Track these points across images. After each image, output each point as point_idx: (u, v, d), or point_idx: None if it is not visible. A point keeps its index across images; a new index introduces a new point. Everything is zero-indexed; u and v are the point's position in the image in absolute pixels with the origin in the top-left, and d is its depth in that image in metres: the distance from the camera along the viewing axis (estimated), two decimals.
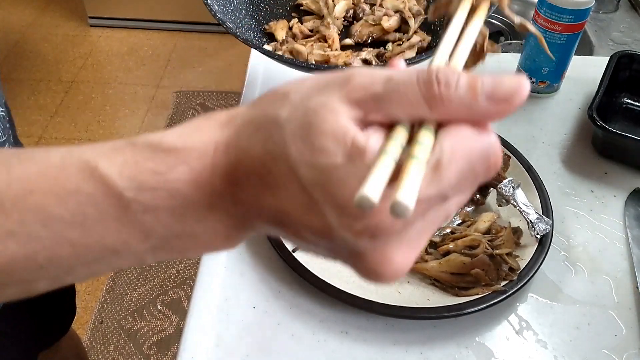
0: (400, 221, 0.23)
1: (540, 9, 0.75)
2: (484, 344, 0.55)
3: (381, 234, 0.23)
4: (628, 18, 1.04)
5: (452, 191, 0.23)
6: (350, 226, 0.23)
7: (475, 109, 0.23)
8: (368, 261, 0.24)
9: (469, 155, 0.23)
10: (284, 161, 0.24)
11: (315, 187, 0.23)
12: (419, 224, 0.24)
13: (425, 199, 0.23)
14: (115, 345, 1.45)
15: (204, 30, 2.48)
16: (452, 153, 0.23)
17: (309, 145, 0.23)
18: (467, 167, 0.23)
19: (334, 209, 0.23)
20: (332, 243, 0.25)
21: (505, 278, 0.56)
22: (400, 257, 0.24)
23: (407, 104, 0.23)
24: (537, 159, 0.72)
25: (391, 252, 0.24)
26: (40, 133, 2.03)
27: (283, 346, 0.54)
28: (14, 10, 2.60)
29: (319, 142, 0.23)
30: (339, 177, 0.23)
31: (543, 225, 0.59)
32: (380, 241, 0.23)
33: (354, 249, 0.24)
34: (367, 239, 0.23)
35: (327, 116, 0.23)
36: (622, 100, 0.80)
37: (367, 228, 0.23)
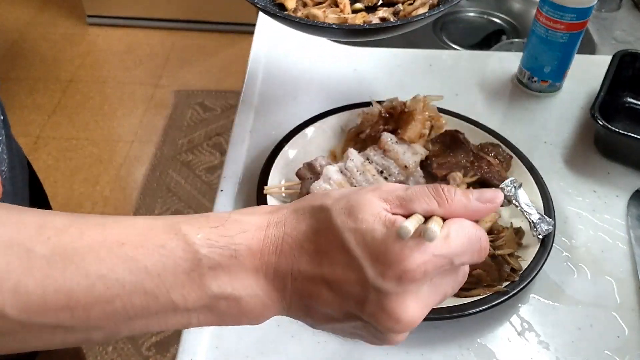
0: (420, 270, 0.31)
1: (543, 8, 0.75)
2: (485, 345, 0.54)
3: (405, 278, 0.31)
4: (631, 17, 1.03)
5: (456, 258, 0.32)
6: (383, 272, 0.31)
7: (469, 207, 0.34)
8: (391, 305, 0.31)
9: (469, 235, 0.33)
10: (330, 231, 0.32)
11: (357, 247, 0.32)
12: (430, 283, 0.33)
13: (438, 255, 0.31)
14: (114, 346, 1.44)
15: (203, 29, 2.48)
16: (457, 230, 0.33)
17: (353, 218, 0.32)
18: (467, 243, 0.33)
19: (371, 261, 0.31)
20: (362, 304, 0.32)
21: (507, 279, 0.55)
22: (415, 307, 0.32)
23: (422, 202, 0.33)
24: (539, 158, 0.71)
25: (409, 300, 0.32)
26: (38, 132, 2.03)
27: (283, 347, 0.54)
28: (12, 9, 2.59)
29: (361, 216, 0.32)
30: (375, 237, 0.31)
31: (545, 226, 0.58)
32: (403, 287, 0.31)
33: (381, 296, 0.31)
34: (394, 283, 0.31)
35: (365, 203, 0.33)
36: (625, 100, 0.80)
37: (396, 273, 0.31)
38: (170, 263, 0.32)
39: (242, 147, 0.73)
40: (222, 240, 0.33)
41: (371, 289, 0.31)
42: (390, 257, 0.31)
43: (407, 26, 0.60)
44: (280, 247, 0.33)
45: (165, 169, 1.92)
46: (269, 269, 0.33)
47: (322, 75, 0.84)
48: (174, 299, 0.32)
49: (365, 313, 0.32)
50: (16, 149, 0.58)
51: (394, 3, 0.72)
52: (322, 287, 0.33)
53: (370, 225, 0.32)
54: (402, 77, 0.84)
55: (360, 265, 0.31)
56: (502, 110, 0.80)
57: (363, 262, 0.31)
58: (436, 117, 0.69)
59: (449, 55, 0.90)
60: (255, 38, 0.90)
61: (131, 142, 2.01)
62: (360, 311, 0.32)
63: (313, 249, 0.33)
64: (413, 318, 0.32)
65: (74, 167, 1.92)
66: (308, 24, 0.60)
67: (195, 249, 0.32)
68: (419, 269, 0.31)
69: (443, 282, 0.34)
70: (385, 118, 0.68)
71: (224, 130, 2.06)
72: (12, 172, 0.54)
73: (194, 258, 0.32)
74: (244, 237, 0.33)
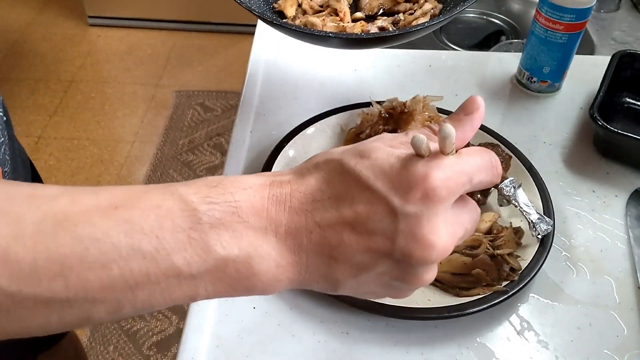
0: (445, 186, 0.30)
1: (542, 8, 0.75)
2: (485, 345, 0.55)
3: (432, 197, 0.30)
4: (629, 17, 1.03)
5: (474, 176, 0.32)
6: (408, 196, 0.30)
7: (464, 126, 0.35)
8: (424, 231, 0.30)
9: (480, 153, 0.33)
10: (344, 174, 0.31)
11: (376, 180, 0.31)
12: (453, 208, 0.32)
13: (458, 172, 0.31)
14: (115, 345, 1.44)
15: (204, 30, 2.48)
16: (467, 150, 0.33)
17: (367, 157, 0.32)
18: (480, 159, 0.33)
19: (394, 190, 0.30)
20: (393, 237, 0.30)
21: (506, 278, 0.56)
22: (446, 232, 0.31)
23: None
24: (539, 158, 0.71)
25: (440, 224, 0.30)
26: (40, 133, 2.03)
27: (283, 347, 0.54)
28: (13, 10, 2.59)
29: (374, 155, 0.32)
30: (393, 166, 0.31)
31: (544, 226, 0.59)
32: (432, 208, 0.30)
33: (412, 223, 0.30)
34: (422, 204, 0.30)
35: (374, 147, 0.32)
36: (624, 100, 0.80)
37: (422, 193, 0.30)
38: (168, 223, 0.30)
39: (242, 147, 0.73)
40: (222, 197, 0.31)
41: (400, 217, 0.30)
42: (413, 179, 0.30)
43: (405, 36, 0.59)
44: (289, 203, 0.31)
45: (166, 169, 1.92)
46: (279, 227, 0.31)
47: (322, 76, 0.84)
48: (176, 263, 0.30)
49: (397, 246, 0.30)
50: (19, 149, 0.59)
51: (394, 12, 0.72)
52: (344, 231, 0.31)
53: (386, 159, 0.31)
54: (402, 78, 0.85)
55: (383, 197, 0.30)
56: (501, 110, 0.80)
57: (386, 192, 0.30)
58: (436, 118, 0.69)
59: (448, 56, 0.90)
60: (255, 39, 0.90)
61: (132, 142, 2.01)
62: (391, 246, 0.30)
63: (327, 197, 0.31)
64: (446, 243, 0.31)
65: (75, 167, 1.92)
66: (305, 32, 0.59)
67: (194, 206, 0.30)
68: (443, 186, 0.30)
69: (462, 211, 0.33)
70: (385, 118, 0.69)
71: (224, 130, 2.06)
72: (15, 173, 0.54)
73: (193, 216, 0.30)
74: (245, 194, 0.31)
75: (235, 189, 0.31)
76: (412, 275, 0.32)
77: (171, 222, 0.30)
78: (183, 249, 0.29)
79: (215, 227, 0.30)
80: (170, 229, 0.30)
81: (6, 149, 0.52)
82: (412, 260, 0.30)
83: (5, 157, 0.51)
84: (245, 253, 0.30)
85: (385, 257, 0.31)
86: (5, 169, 0.51)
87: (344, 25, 0.67)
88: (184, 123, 2.09)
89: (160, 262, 0.29)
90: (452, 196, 0.31)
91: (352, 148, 0.33)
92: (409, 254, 0.30)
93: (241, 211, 0.31)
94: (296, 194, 0.32)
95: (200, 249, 0.30)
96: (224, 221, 0.30)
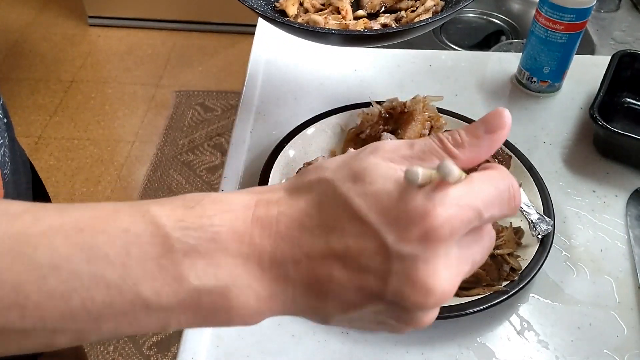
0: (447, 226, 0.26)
1: (542, 8, 0.75)
2: (485, 345, 0.55)
3: (432, 238, 0.26)
4: (630, 17, 1.03)
5: (486, 210, 0.27)
6: (405, 235, 0.26)
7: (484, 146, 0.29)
8: (420, 275, 0.26)
9: (495, 182, 0.28)
10: (335, 200, 0.27)
11: (370, 211, 0.27)
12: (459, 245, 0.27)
13: (464, 206, 0.26)
14: (115, 345, 1.44)
15: (204, 30, 2.48)
16: (481, 176, 0.28)
17: (361, 182, 0.27)
18: (494, 190, 0.28)
19: (389, 225, 0.26)
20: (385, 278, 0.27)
21: (506, 278, 0.56)
22: (447, 275, 0.27)
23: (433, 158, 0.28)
24: (539, 158, 0.71)
25: (440, 266, 0.26)
26: (40, 133, 2.03)
27: (283, 347, 0.54)
28: (13, 10, 2.59)
29: (370, 179, 0.27)
30: (391, 196, 0.27)
31: (544, 225, 0.59)
32: (431, 250, 0.26)
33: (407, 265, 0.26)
34: (420, 245, 0.26)
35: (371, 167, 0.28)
36: (624, 100, 0.80)
37: (420, 233, 0.26)
38: (136, 250, 0.27)
39: (242, 147, 0.73)
40: (198, 221, 0.28)
41: (394, 257, 0.26)
42: (411, 216, 0.26)
43: (408, 33, 0.59)
44: (275, 229, 0.28)
45: (166, 169, 1.92)
46: (262, 255, 0.28)
47: (322, 76, 0.84)
48: (144, 294, 0.27)
49: (389, 289, 0.27)
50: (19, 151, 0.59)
51: (396, 10, 0.72)
52: (333, 266, 0.27)
53: (382, 185, 0.27)
54: (402, 78, 0.85)
55: (377, 232, 0.26)
56: None
57: (380, 227, 0.26)
58: (436, 118, 0.69)
59: (448, 56, 0.90)
60: (255, 39, 0.90)
61: (132, 143, 2.01)
62: (383, 288, 0.27)
63: (317, 224, 0.28)
64: (446, 288, 0.27)
65: (76, 168, 1.92)
66: (307, 30, 0.59)
67: (166, 231, 0.27)
68: (446, 225, 0.26)
69: (470, 246, 0.29)
70: (385, 118, 0.69)
71: (224, 130, 2.06)
72: (15, 175, 0.54)
73: (165, 243, 0.27)
74: (226, 217, 0.28)
75: (215, 211, 0.28)
76: (408, 319, 0.28)
77: (139, 248, 0.27)
78: (152, 279, 0.27)
79: (189, 255, 0.27)
80: (138, 256, 0.27)
81: (6, 150, 0.51)
82: (407, 305, 0.27)
83: (5, 160, 0.51)
84: (223, 284, 0.27)
85: (377, 298, 0.27)
86: (5, 171, 0.50)
87: (346, 22, 0.67)
88: (184, 123, 2.09)
89: (126, 292, 0.27)
90: (456, 235, 0.27)
91: (347, 166, 0.29)
92: (402, 298, 0.27)
93: (220, 237, 0.27)
94: (283, 218, 0.28)
95: (171, 278, 0.27)
96: (200, 248, 0.27)
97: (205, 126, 2.08)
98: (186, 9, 2.42)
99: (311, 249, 0.27)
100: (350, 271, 0.27)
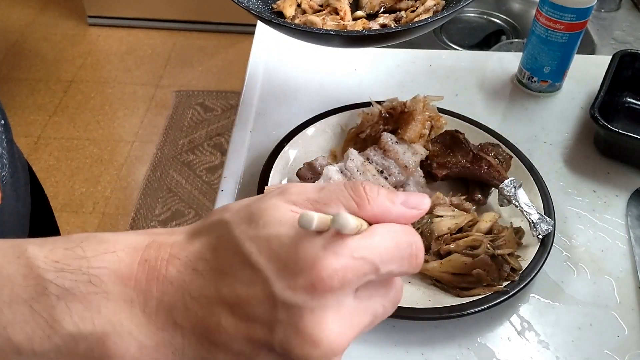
0: (337, 277, 0.25)
1: (542, 8, 0.75)
2: (485, 345, 0.54)
3: (320, 288, 0.25)
4: (630, 17, 1.03)
5: (383, 265, 0.26)
6: (292, 283, 0.25)
7: (393, 211, 0.28)
8: (306, 325, 0.25)
9: (397, 237, 0.27)
10: (229, 245, 0.26)
11: (259, 256, 0.25)
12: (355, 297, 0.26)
13: (359, 259, 0.25)
14: None
15: (204, 30, 2.48)
16: (382, 231, 0.27)
17: (254, 225, 0.26)
18: (394, 246, 0.27)
19: (277, 271, 0.25)
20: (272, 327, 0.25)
21: (506, 278, 0.55)
22: (336, 327, 0.25)
23: (338, 204, 0.27)
24: (539, 158, 0.71)
25: (328, 317, 0.25)
26: (39, 133, 2.03)
27: None
28: (13, 10, 2.59)
29: (263, 221, 0.26)
30: (282, 242, 0.25)
31: (545, 226, 0.58)
32: (319, 300, 0.25)
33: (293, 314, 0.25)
34: (306, 295, 0.25)
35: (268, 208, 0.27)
36: (625, 100, 0.80)
37: (307, 282, 0.25)
38: (7, 292, 0.25)
39: (242, 147, 0.73)
40: (76, 262, 0.26)
41: (280, 305, 0.25)
42: (300, 264, 0.25)
43: (407, 33, 0.58)
44: (165, 272, 0.26)
45: (166, 169, 1.92)
46: (148, 300, 0.26)
47: (322, 75, 0.84)
48: (14, 339, 0.25)
49: (276, 339, 0.25)
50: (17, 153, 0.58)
51: (396, 10, 0.72)
52: (221, 313, 0.26)
53: (274, 229, 0.26)
54: (402, 77, 0.85)
55: (265, 278, 0.25)
56: (501, 110, 0.80)
57: (268, 273, 0.25)
58: (436, 117, 0.69)
59: (448, 56, 0.90)
60: (255, 38, 0.90)
61: (132, 142, 2.01)
62: (270, 338, 0.25)
63: (209, 269, 0.26)
64: (335, 340, 0.25)
65: (75, 168, 1.92)
66: (305, 31, 0.58)
67: (39, 273, 0.25)
68: (335, 276, 0.25)
69: (371, 298, 0.27)
70: (385, 118, 0.68)
71: (224, 130, 2.06)
72: (14, 177, 0.53)
73: (37, 285, 0.25)
74: (108, 259, 0.26)
75: (96, 252, 0.26)
76: None
77: (10, 291, 0.25)
78: (24, 323, 0.25)
79: (64, 298, 0.25)
80: (10, 299, 0.25)
81: (4, 152, 0.51)
82: (295, 356, 0.25)
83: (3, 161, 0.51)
84: (101, 330, 0.26)
85: (265, 348, 0.26)
86: (3, 173, 0.50)
87: (345, 23, 0.67)
88: (184, 123, 2.09)
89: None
90: (348, 287, 0.25)
91: (247, 208, 0.28)
92: (288, 349, 0.25)
93: (98, 280, 0.26)
94: (175, 261, 0.27)
95: (45, 323, 0.25)
96: (76, 292, 0.25)
97: (205, 126, 2.08)
98: (186, 9, 2.42)
99: (200, 295, 0.26)
100: (238, 320, 0.26)
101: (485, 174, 0.64)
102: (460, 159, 0.65)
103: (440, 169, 0.65)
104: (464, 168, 0.65)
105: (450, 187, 0.67)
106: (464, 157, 0.65)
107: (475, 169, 0.64)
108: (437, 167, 0.65)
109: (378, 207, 0.27)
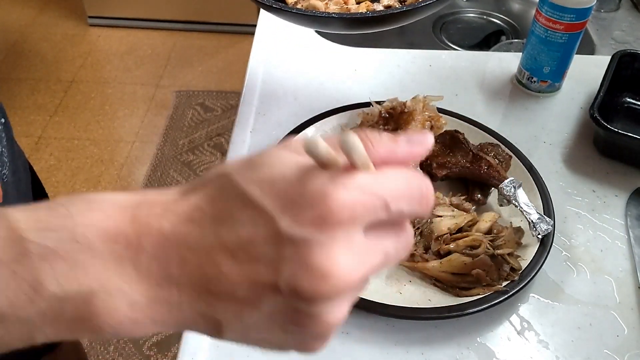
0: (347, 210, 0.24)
1: (542, 8, 0.75)
2: (485, 345, 0.54)
3: (329, 221, 0.24)
4: (630, 17, 1.03)
5: (393, 202, 0.25)
6: (299, 217, 0.24)
7: (398, 149, 0.27)
8: (315, 257, 0.23)
9: (407, 177, 0.26)
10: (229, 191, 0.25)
11: (264, 196, 0.24)
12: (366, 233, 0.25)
13: (369, 193, 0.24)
14: (115, 346, 1.44)
15: (204, 30, 2.48)
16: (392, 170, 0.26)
17: (257, 170, 0.25)
18: (404, 184, 0.26)
19: (283, 208, 0.24)
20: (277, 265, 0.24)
21: (506, 278, 0.56)
22: (347, 260, 0.24)
23: None
24: (539, 158, 0.71)
25: (338, 250, 0.24)
26: (40, 133, 2.03)
27: None
28: (13, 10, 2.60)
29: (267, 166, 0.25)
30: (287, 180, 0.24)
31: (544, 225, 0.59)
32: (328, 233, 0.24)
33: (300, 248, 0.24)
34: (314, 228, 0.24)
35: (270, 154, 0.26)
36: (624, 100, 0.80)
37: (316, 215, 0.24)
38: None
39: (242, 147, 0.73)
40: (59, 221, 0.24)
41: (286, 242, 0.24)
42: (309, 198, 0.24)
43: (413, 14, 0.55)
44: (158, 227, 0.25)
45: (166, 169, 1.92)
46: (140, 256, 0.24)
47: (322, 75, 0.84)
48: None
49: (283, 278, 0.24)
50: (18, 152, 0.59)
51: None
52: (222, 260, 0.24)
53: (279, 170, 0.25)
54: (402, 77, 0.85)
55: (270, 217, 0.24)
56: (501, 110, 0.80)
57: (273, 211, 0.24)
58: (436, 117, 0.69)
59: (448, 56, 0.90)
60: (255, 38, 0.90)
61: (132, 143, 2.01)
62: (276, 277, 0.24)
63: (207, 217, 0.25)
64: (345, 273, 0.24)
65: (76, 168, 1.92)
66: (307, 15, 0.56)
67: (19, 233, 0.24)
68: (345, 208, 0.24)
69: (382, 238, 0.26)
70: (385, 118, 0.69)
71: (224, 130, 2.06)
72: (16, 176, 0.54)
73: (18, 246, 0.24)
74: (94, 216, 0.25)
75: (81, 210, 0.25)
76: (307, 317, 0.25)
77: None
78: (5, 287, 0.24)
79: (47, 258, 0.24)
80: None
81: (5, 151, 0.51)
82: (302, 294, 0.24)
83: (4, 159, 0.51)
84: (87, 289, 0.24)
85: (270, 290, 0.24)
86: (4, 172, 0.50)
87: (349, 7, 0.66)
88: (184, 123, 2.09)
89: None
90: (358, 222, 0.24)
91: (248, 159, 0.27)
92: (295, 285, 0.24)
93: (84, 238, 0.24)
94: (169, 216, 0.25)
95: (27, 286, 0.24)
96: (60, 251, 0.24)
97: (205, 126, 2.08)
98: (186, 9, 2.42)
99: (198, 244, 0.24)
100: (240, 263, 0.24)
101: (485, 174, 0.64)
102: (460, 159, 0.65)
103: (440, 169, 0.65)
104: (463, 168, 0.65)
105: (450, 187, 0.67)
106: (463, 157, 0.65)
107: (475, 169, 0.64)
108: (437, 167, 0.65)
109: (383, 148, 0.26)
